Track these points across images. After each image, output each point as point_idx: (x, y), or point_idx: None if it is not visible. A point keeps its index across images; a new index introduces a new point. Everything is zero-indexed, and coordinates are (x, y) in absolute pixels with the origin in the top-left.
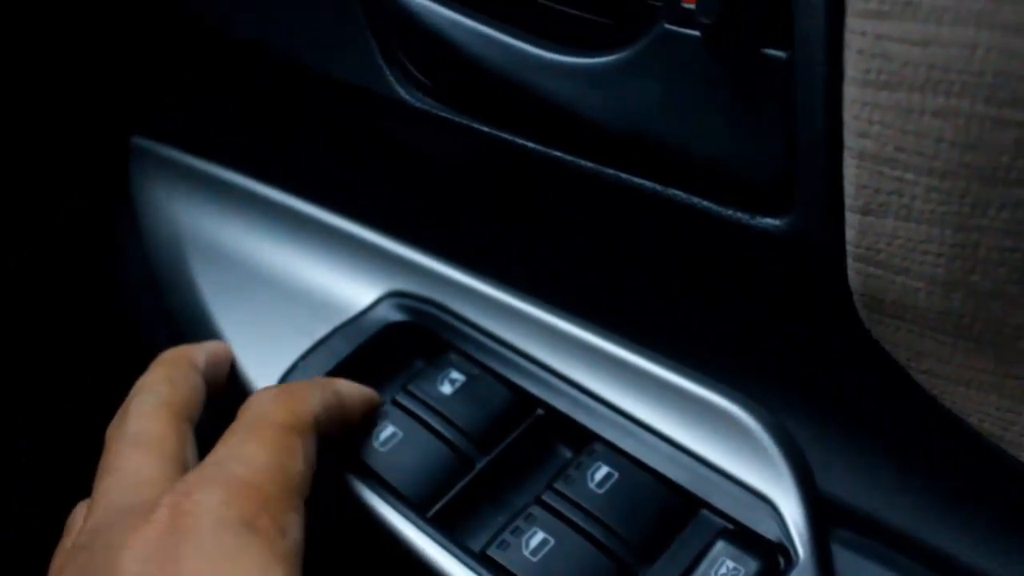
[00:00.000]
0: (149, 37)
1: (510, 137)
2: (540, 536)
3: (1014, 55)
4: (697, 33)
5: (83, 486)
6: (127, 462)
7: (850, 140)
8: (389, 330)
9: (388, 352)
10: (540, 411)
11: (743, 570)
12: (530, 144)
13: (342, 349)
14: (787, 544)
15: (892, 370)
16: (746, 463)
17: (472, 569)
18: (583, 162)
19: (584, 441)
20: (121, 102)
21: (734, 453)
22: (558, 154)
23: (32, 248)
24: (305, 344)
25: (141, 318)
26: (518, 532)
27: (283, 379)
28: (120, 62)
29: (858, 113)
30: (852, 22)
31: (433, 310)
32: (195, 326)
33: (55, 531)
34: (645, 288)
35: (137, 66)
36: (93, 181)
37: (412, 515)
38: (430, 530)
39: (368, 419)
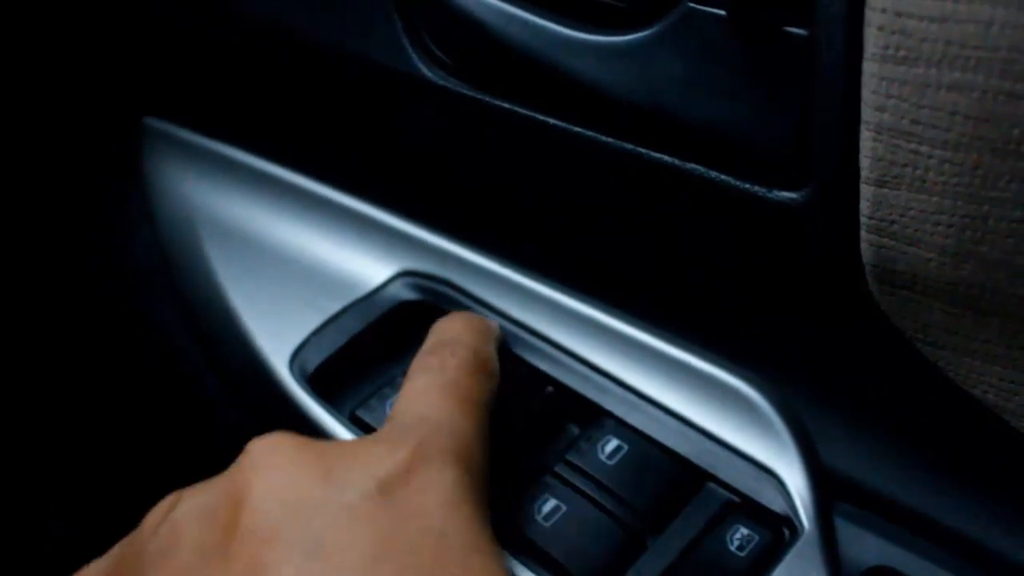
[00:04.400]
0: (162, 17)
1: (532, 114)
2: (552, 503)
3: None
4: (721, 12)
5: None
6: None
7: (867, 114)
8: (401, 308)
9: (400, 330)
10: (550, 388)
11: (757, 537)
12: (551, 121)
13: (354, 326)
14: (792, 516)
15: (897, 346)
16: (752, 437)
17: None
18: (603, 138)
19: (593, 416)
20: (134, 84)
21: (740, 427)
22: (578, 130)
23: (41, 231)
24: (317, 320)
25: (151, 300)
26: (531, 500)
27: (295, 354)
28: (133, 43)
29: (876, 88)
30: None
31: (445, 289)
32: (208, 303)
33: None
34: (657, 263)
35: (150, 47)
36: (105, 162)
37: None
38: None
39: None
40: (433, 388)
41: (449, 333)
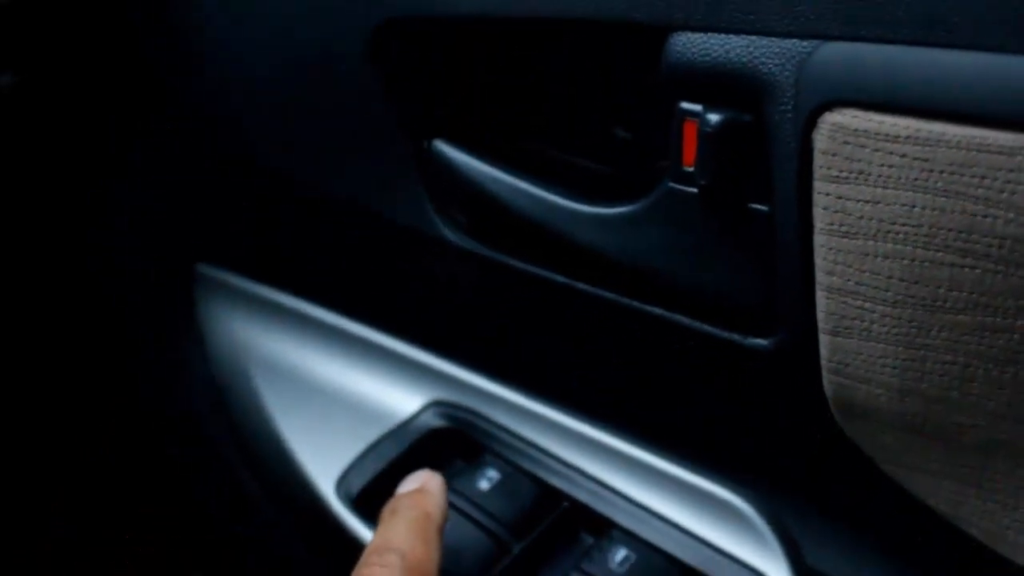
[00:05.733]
0: (215, 177)
1: (539, 271)
2: None
3: (943, 211)
4: (695, 190)
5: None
6: None
7: (820, 277)
8: (432, 434)
9: (432, 454)
10: (566, 503)
11: None
12: (557, 278)
13: (391, 452)
14: None
15: (864, 462)
16: (744, 544)
17: None
18: (601, 292)
19: (604, 528)
20: (186, 233)
21: (733, 535)
22: (581, 286)
23: (103, 369)
24: (359, 447)
25: (208, 431)
26: None
27: (342, 479)
28: (186, 199)
29: (826, 256)
30: (818, 185)
31: (471, 417)
32: (259, 434)
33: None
34: (655, 395)
35: (201, 202)
36: (162, 306)
37: None
38: None
39: None
40: None
41: (384, 535)
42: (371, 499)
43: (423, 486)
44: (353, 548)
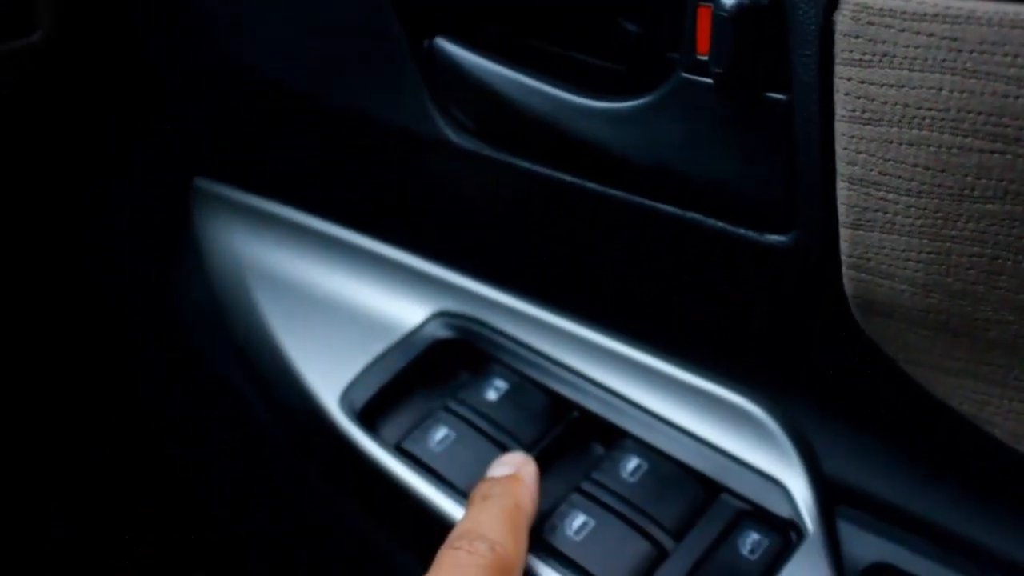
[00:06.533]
0: (212, 89)
1: (548, 172)
2: (582, 519)
3: (972, 94)
4: (710, 80)
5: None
6: None
7: (841, 167)
8: (438, 345)
9: (437, 365)
10: (575, 412)
11: (766, 541)
12: (566, 177)
13: (397, 363)
14: (797, 521)
15: (884, 363)
16: (759, 451)
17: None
18: (613, 191)
19: (615, 437)
20: (183, 147)
21: (749, 442)
22: (591, 186)
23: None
24: (363, 360)
25: (205, 344)
26: (562, 516)
27: (346, 393)
28: (183, 112)
29: (847, 145)
30: (840, 69)
31: (477, 327)
32: (261, 350)
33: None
34: (668, 299)
35: (199, 115)
36: (158, 220)
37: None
38: None
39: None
40: None
41: (474, 520)
42: (374, 412)
43: (517, 473)
44: (357, 462)
